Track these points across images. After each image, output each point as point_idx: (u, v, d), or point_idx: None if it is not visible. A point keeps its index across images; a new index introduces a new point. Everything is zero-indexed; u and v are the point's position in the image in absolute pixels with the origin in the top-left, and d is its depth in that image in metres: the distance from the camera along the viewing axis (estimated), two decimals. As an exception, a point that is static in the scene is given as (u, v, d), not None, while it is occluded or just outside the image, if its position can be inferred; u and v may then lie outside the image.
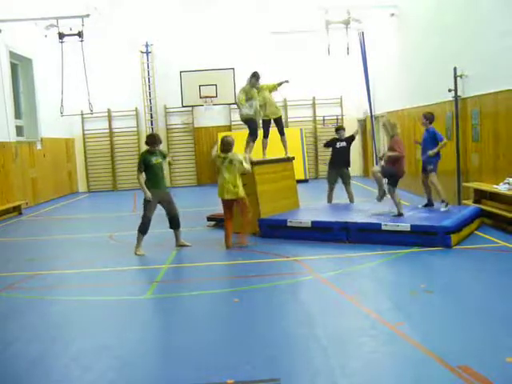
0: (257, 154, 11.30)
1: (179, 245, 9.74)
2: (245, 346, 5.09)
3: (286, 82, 11.70)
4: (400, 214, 9.64)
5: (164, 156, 9.75)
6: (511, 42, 9.63)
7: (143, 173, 9.36)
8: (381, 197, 10.08)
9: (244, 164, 9.36)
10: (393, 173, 9.83)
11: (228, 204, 9.48)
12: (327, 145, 12.41)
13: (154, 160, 9.36)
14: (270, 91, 11.38)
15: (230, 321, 5.89)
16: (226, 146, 9.46)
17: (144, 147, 9.87)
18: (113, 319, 6.14)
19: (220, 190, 9.44)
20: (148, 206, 9.30)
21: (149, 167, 9.34)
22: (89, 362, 4.92)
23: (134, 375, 4.62)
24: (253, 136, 10.83)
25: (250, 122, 10.80)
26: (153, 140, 9.47)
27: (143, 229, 9.37)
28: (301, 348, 5.00)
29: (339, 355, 4.78)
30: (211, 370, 4.60)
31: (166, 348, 5.22)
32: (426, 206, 10.61)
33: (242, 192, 9.36)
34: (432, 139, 10.30)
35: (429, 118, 10.45)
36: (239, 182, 9.34)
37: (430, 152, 10.20)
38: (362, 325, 5.49)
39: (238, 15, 21.63)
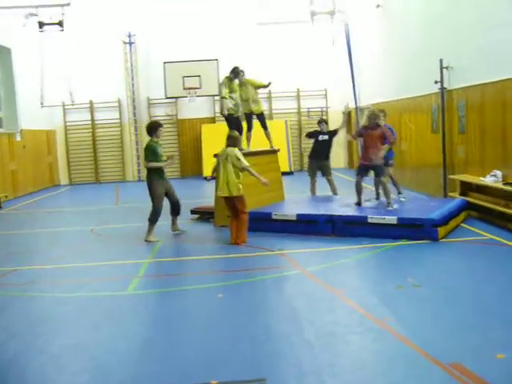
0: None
1: (175, 229, 9.91)
2: (229, 344, 4.93)
3: (269, 84, 11.68)
4: (390, 204, 9.64)
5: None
6: (497, 33, 9.54)
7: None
8: (360, 203, 10.02)
9: (241, 160, 8.86)
10: (382, 165, 9.81)
11: (226, 201, 9.12)
12: (309, 135, 12.26)
13: (160, 150, 9.55)
14: (256, 88, 11.26)
15: (214, 317, 5.73)
16: (230, 140, 9.08)
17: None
18: (93, 316, 5.95)
19: (218, 186, 9.17)
20: (157, 196, 9.44)
21: (157, 157, 9.46)
22: (66, 361, 4.74)
23: (111, 376, 4.44)
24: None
25: (231, 118, 10.73)
26: (154, 128, 9.61)
27: (155, 218, 9.48)
28: (287, 345, 4.84)
29: (327, 353, 4.63)
30: (194, 370, 4.44)
31: (147, 346, 5.03)
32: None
33: (235, 190, 8.83)
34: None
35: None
36: (233, 179, 8.82)
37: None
38: (350, 321, 5.36)
39: (223, 6, 21.39)
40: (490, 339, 4.70)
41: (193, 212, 11.67)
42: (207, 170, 19.64)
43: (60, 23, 15.83)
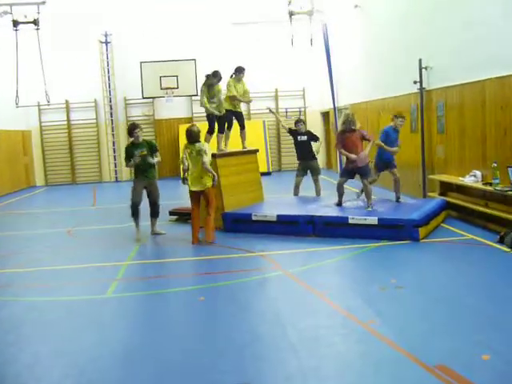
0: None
1: (154, 233, 9.87)
2: (211, 349, 4.82)
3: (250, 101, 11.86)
4: (370, 205, 9.62)
5: (151, 147, 9.81)
6: (476, 33, 9.56)
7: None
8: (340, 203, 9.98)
9: (207, 155, 9.04)
10: (368, 166, 9.89)
11: (195, 196, 9.16)
12: (290, 132, 12.20)
13: (138, 153, 9.54)
14: (243, 93, 11.21)
15: (195, 321, 5.62)
16: (193, 136, 9.14)
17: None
18: (70, 321, 5.79)
19: (189, 182, 9.15)
20: (133, 191, 9.63)
21: (130, 158, 9.61)
22: (43, 370, 4.59)
23: (96, 382, 4.32)
24: (212, 131, 10.81)
25: (214, 119, 10.69)
26: (129, 131, 9.81)
27: (132, 213, 9.61)
28: (271, 349, 4.76)
29: (311, 356, 4.55)
30: (176, 377, 4.33)
31: (126, 353, 4.88)
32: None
33: (209, 182, 9.05)
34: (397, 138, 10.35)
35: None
36: (206, 173, 9.00)
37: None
38: (333, 323, 5.29)
39: (200, 5, 21.21)
40: (475, 340, 4.66)
41: (171, 213, 11.52)
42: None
43: (35, 22, 15.54)
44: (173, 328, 5.44)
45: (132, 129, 9.74)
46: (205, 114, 10.88)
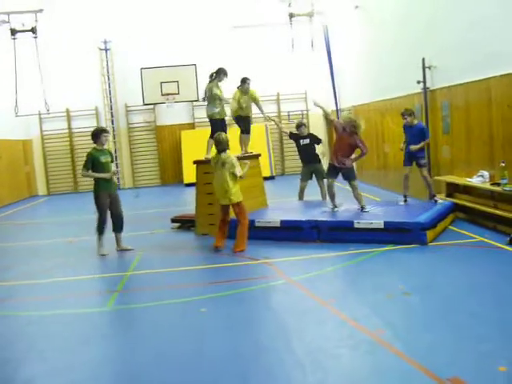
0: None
1: (121, 249, 9.33)
2: (214, 362, 4.63)
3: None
4: (364, 207, 9.57)
5: (111, 155, 9.38)
6: (480, 32, 9.36)
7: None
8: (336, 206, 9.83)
9: (236, 168, 8.54)
10: (352, 169, 9.82)
11: (223, 208, 8.85)
12: (291, 137, 12.04)
13: (103, 159, 9.03)
14: (252, 100, 11.05)
15: (197, 334, 5.41)
16: (220, 144, 8.67)
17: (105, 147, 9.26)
18: (69, 336, 5.60)
19: (216, 195, 8.86)
20: (101, 206, 9.04)
21: (97, 166, 8.98)
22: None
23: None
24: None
25: (216, 122, 10.55)
26: (96, 134, 9.13)
27: (99, 229, 9.10)
28: (276, 363, 4.55)
29: (317, 370, 4.35)
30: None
31: (127, 367, 4.70)
32: (405, 201, 10.30)
33: (236, 197, 8.61)
34: (420, 134, 10.12)
35: (411, 113, 10.22)
36: (232, 186, 8.56)
37: (413, 147, 10.01)
38: (340, 334, 5.10)
39: (199, 10, 21.07)
40: (490, 350, 4.46)
41: (173, 221, 11.34)
42: (187, 177, 19.32)
43: (33, 30, 15.42)
44: (173, 342, 5.24)
45: (101, 132, 9.13)
46: (207, 120, 10.78)
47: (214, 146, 9.04)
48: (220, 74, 10.66)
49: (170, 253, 9.13)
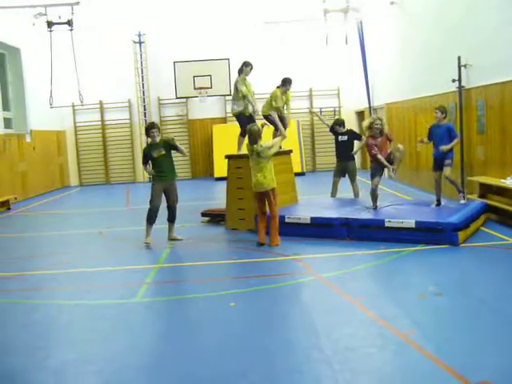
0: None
1: (171, 238, 9.52)
2: (241, 358, 4.65)
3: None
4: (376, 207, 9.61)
5: (169, 145, 9.45)
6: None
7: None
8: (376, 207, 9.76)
9: (273, 146, 8.76)
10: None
11: (259, 196, 8.86)
12: (331, 131, 11.97)
13: (156, 154, 9.30)
14: (285, 101, 11.03)
15: (226, 328, 5.43)
16: (252, 136, 8.71)
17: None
18: (99, 327, 5.66)
19: (252, 182, 8.84)
20: (153, 194, 9.31)
21: (152, 160, 9.39)
22: (69, 378, 4.47)
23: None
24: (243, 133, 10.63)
25: (243, 118, 10.63)
26: (146, 130, 9.53)
27: (148, 218, 9.30)
28: (305, 361, 4.54)
29: (346, 370, 4.32)
30: (204, 387, 4.16)
31: (155, 359, 4.73)
32: (437, 205, 10.03)
33: (274, 182, 8.77)
34: (448, 133, 9.67)
35: (444, 111, 9.88)
36: (269, 173, 8.71)
37: (444, 147, 9.52)
38: (369, 333, 5.06)
39: (233, 4, 21.12)
40: (522, 355, 4.39)
41: (203, 214, 11.38)
42: (218, 171, 19.39)
43: (69, 22, 15.58)
44: (201, 335, 5.26)
45: (149, 128, 9.44)
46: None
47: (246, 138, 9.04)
48: (244, 67, 10.65)
49: (199, 246, 9.17)
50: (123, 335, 5.40)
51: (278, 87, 10.88)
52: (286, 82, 10.83)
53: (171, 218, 9.54)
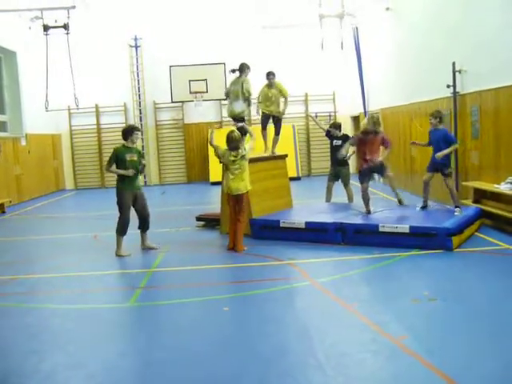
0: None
1: (145, 247, 9.21)
2: (235, 362, 4.64)
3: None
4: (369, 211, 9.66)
5: (140, 155, 9.12)
6: (511, 34, 9.22)
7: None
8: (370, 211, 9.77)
9: (250, 147, 8.96)
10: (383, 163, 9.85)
11: (234, 199, 8.82)
12: (327, 135, 11.98)
13: (129, 157, 8.82)
14: (280, 93, 11.07)
15: (219, 332, 5.43)
16: (235, 142, 8.70)
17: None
18: (91, 331, 5.65)
19: (230, 186, 8.78)
20: (123, 203, 8.78)
21: (121, 163, 8.78)
22: (61, 382, 4.45)
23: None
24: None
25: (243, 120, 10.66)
26: (127, 132, 8.94)
27: (122, 230, 8.85)
28: (297, 365, 4.54)
29: (339, 375, 4.33)
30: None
31: (148, 363, 4.72)
32: (423, 207, 10.01)
33: (249, 185, 8.87)
34: (443, 139, 9.49)
35: (437, 116, 9.76)
36: (247, 175, 8.83)
37: (438, 154, 9.36)
38: (362, 338, 5.05)
39: (229, 9, 21.13)
40: (517, 361, 4.39)
41: (198, 219, 11.37)
42: (213, 175, 19.38)
43: (65, 26, 15.56)
44: (195, 340, 5.25)
45: (133, 129, 8.97)
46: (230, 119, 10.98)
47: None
48: (246, 69, 10.74)
49: (193, 251, 9.16)
50: (116, 339, 5.40)
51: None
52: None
53: (144, 227, 9.13)
